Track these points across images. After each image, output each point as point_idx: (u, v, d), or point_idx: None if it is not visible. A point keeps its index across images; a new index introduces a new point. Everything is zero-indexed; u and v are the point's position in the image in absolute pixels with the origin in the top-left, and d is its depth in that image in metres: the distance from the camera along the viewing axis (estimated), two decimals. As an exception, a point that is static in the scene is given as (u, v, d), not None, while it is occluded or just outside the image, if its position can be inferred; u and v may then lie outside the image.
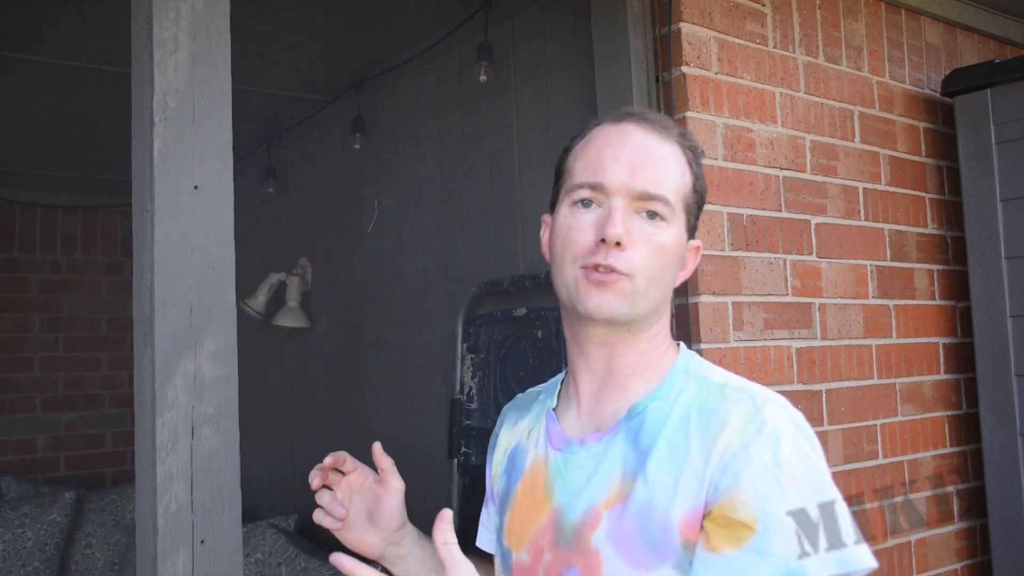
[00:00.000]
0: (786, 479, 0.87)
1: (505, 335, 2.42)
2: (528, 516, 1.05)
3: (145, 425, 1.23)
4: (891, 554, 2.20)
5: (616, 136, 1.02)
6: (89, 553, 3.85)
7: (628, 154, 1.00)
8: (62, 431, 4.46)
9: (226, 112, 1.30)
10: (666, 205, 0.99)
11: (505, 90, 2.55)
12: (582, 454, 1.02)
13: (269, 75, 3.04)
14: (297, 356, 3.73)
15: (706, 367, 1.03)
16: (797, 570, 0.85)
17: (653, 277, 0.99)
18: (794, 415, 0.94)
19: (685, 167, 1.02)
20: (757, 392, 0.96)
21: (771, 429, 0.90)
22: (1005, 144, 2.34)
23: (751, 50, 2.07)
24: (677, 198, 1.00)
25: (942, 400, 2.43)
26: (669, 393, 1.00)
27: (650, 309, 1.01)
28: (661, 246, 0.99)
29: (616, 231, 0.96)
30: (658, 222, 0.99)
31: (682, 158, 1.02)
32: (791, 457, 0.89)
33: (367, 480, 1.14)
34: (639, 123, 1.02)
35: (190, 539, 1.19)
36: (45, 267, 4.47)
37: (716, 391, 0.97)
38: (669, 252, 1.00)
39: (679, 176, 1.01)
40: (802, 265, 2.11)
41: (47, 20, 2.49)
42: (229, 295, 1.28)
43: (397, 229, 3.04)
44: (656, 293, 1.00)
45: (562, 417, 1.09)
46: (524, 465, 1.10)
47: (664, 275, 1.00)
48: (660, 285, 1.00)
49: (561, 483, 1.02)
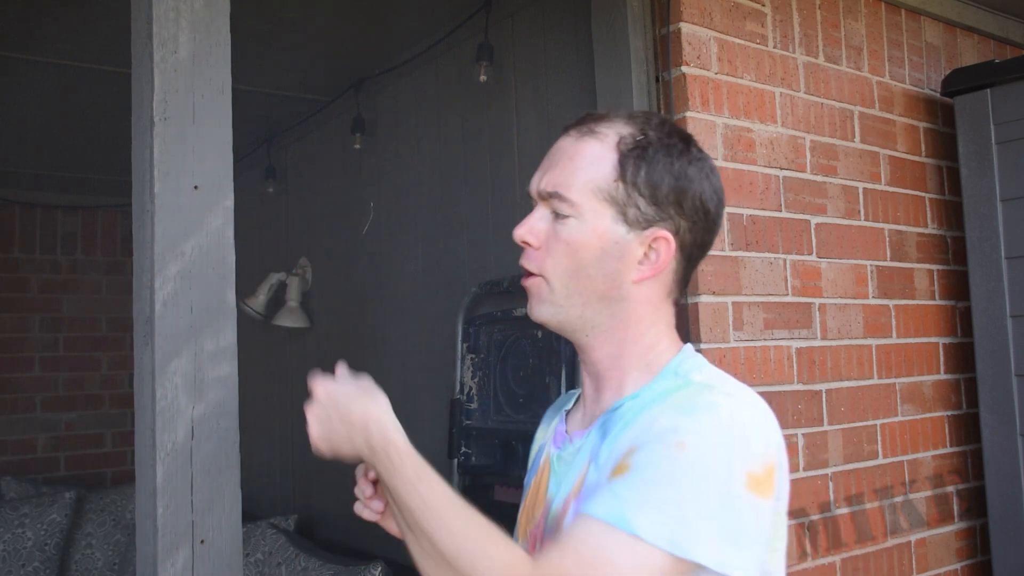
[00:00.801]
0: (674, 446, 0.87)
1: (505, 335, 2.42)
2: (531, 510, 1.11)
3: (145, 425, 1.23)
4: (891, 554, 2.20)
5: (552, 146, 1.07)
6: (89, 553, 3.85)
7: (547, 160, 1.05)
8: (62, 431, 4.46)
9: (226, 112, 1.30)
10: (562, 201, 1.00)
11: (505, 90, 2.55)
12: (569, 449, 1.06)
13: (269, 75, 3.04)
14: (297, 356, 3.73)
15: (697, 367, 1.02)
16: (631, 522, 0.84)
17: (569, 275, 1.00)
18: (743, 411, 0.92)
19: (603, 157, 1.00)
20: (719, 385, 0.96)
21: (693, 404, 0.91)
22: (1005, 144, 2.34)
23: (751, 50, 2.07)
24: (583, 192, 1.00)
25: (942, 400, 2.43)
26: (650, 391, 1.00)
27: (582, 310, 1.01)
28: (568, 242, 1.00)
29: (516, 232, 1.04)
30: (563, 220, 1.01)
31: (603, 149, 1.01)
32: (692, 431, 0.88)
33: None
34: (570, 129, 1.05)
35: (190, 539, 1.19)
36: (45, 267, 4.47)
37: (686, 385, 0.97)
38: (580, 247, 1.00)
39: (587, 170, 1.00)
40: (802, 265, 2.11)
41: (47, 20, 2.48)
42: (229, 295, 1.28)
43: (395, 228, 3.04)
44: (582, 292, 1.01)
45: (571, 417, 1.14)
46: (538, 463, 1.15)
47: (586, 271, 1.00)
48: (583, 282, 1.00)
49: (554, 478, 1.07)
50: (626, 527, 0.84)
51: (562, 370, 2.19)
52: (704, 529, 0.85)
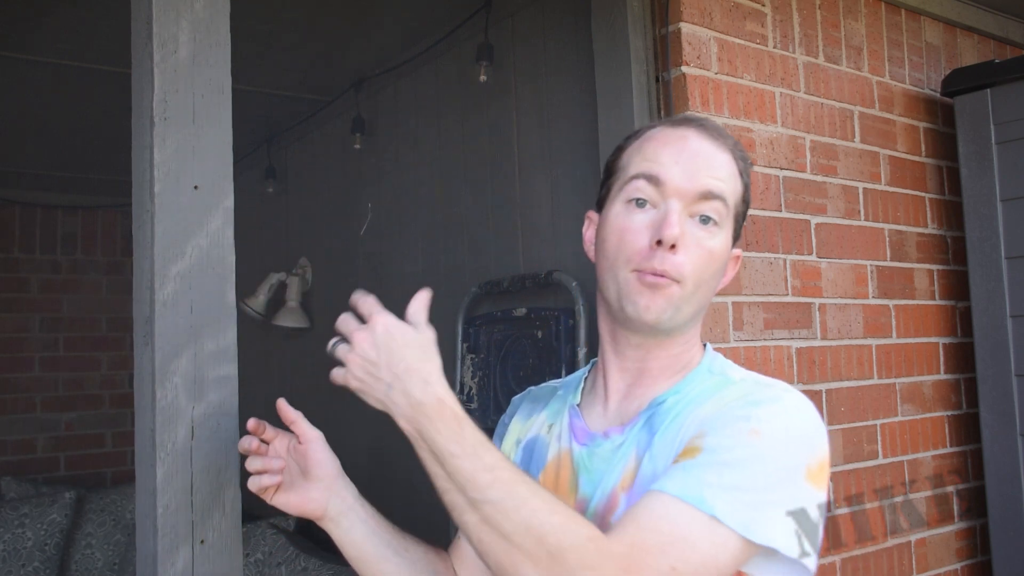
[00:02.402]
0: (748, 433, 0.89)
1: (505, 335, 2.42)
2: None
3: (145, 425, 1.23)
4: (891, 554, 2.20)
5: (675, 138, 1.02)
6: (89, 553, 3.85)
7: (687, 157, 1.00)
8: (62, 431, 4.46)
9: (226, 112, 1.30)
10: (724, 206, 1.00)
11: (505, 90, 2.55)
12: (606, 446, 1.04)
13: (269, 75, 3.04)
14: (297, 356, 3.73)
15: (730, 367, 1.06)
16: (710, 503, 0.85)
17: (700, 283, 1.00)
18: (803, 405, 0.95)
19: (737, 176, 1.04)
20: (774, 382, 0.99)
21: (760, 396, 0.94)
22: (1005, 144, 2.34)
23: (751, 50, 2.07)
24: (731, 203, 1.02)
25: (942, 400, 2.43)
26: (690, 388, 1.02)
27: (692, 314, 1.03)
28: (711, 252, 1.00)
29: (673, 232, 0.96)
30: (711, 227, 1.00)
31: (735, 167, 1.04)
32: (764, 420, 0.90)
33: (290, 441, 1.13)
34: (698, 129, 1.03)
35: (190, 539, 1.19)
36: (45, 267, 4.47)
37: (732, 384, 1.00)
38: (717, 258, 1.01)
39: (733, 182, 1.02)
40: (802, 265, 2.11)
41: (47, 20, 2.48)
42: (229, 295, 1.28)
43: (395, 228, 3.04)
44: (700, 299, 1.02)
45: (586, 413, 1.11)
46: (545, 458, 1.11)
47: (710, 282, 1.02)
48: (704, 291, 1.02)
49: (586, 475, 1.04)
50: (705, 508, 0.85)
51: (562, 370, 2.19)
52: (777, 516, 0.87)
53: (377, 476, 3.10)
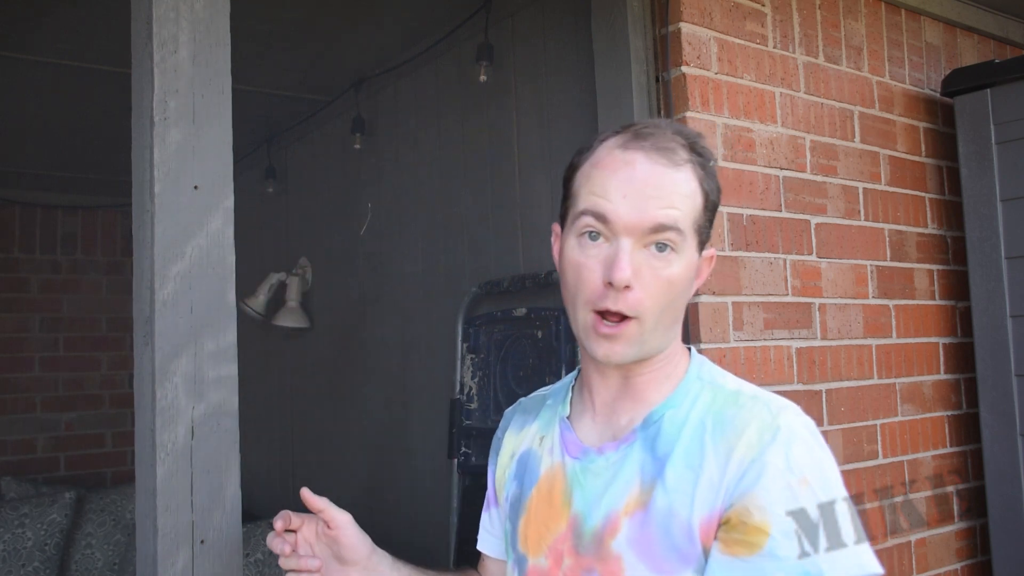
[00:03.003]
0: (798, 484, 0.90)
1: (505, 335, 2.42)
2: (545, 523, 1.06)
3: (145, 425, 1.23)
4: (891, 554, 2.20)
5: (622, 166, 0.97)
6: (89, 553, 3.85)
7: (635, 189, 0.96)
8: (62, 431, 4.46)
9: (226, 112, 1.30)
10: (678, 234, 0.96)
11: (505, 90, 2.55)
12: (600, 462, 1.02)
13: (269, 75, 3.04)
14: (297, 356, 3.73)
15: (719, 374, 1.05)
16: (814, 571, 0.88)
17: (662, 311, 0.98)
18: (807, 421, 0.97)
19: (696, 188, 0.98)
20: (771, 400, 0.99)
21: (785, 435, 0.93)
22: (1005, 144, 2.34)
23: (751, 50, 2.07)
24: (688, 224, 0.97)
25: (942, 400, 2.43)
26: (684, 400, 1.01)
27: (661, 340, 1.01)
28: (670, 280, 0.97)
29: (622, 276, 0.94)
30: (668, 254, 0.96)
31: (693, 179, 0.98)
32: (803, 462, 0.92)
33: (318, 526, 1.12)
34: (647, 152, 0.97)
35: (190, 539, 1.19)
36: (45, 267, 4.47)
37: (731, 400, 0.99)
38: (678, 282, 0.98)
39: (689, 201, 0.98)
40: (802, 265, 2.11)
41: (47, 20, 2.48)
42: (229, 295, 1.28)
43: (395, 228, 3.04)
44: (666, 323, 1.00)
45: (576, 425, 1.09)
46: (539, 472, 1.10)
47: (675, 304, 0.99)
48: (669, 314, 1.00)
49: (580, 491, 1.03)
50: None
51: (562, 370, 2.19)
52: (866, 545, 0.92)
53: (377, 477, 3.10)
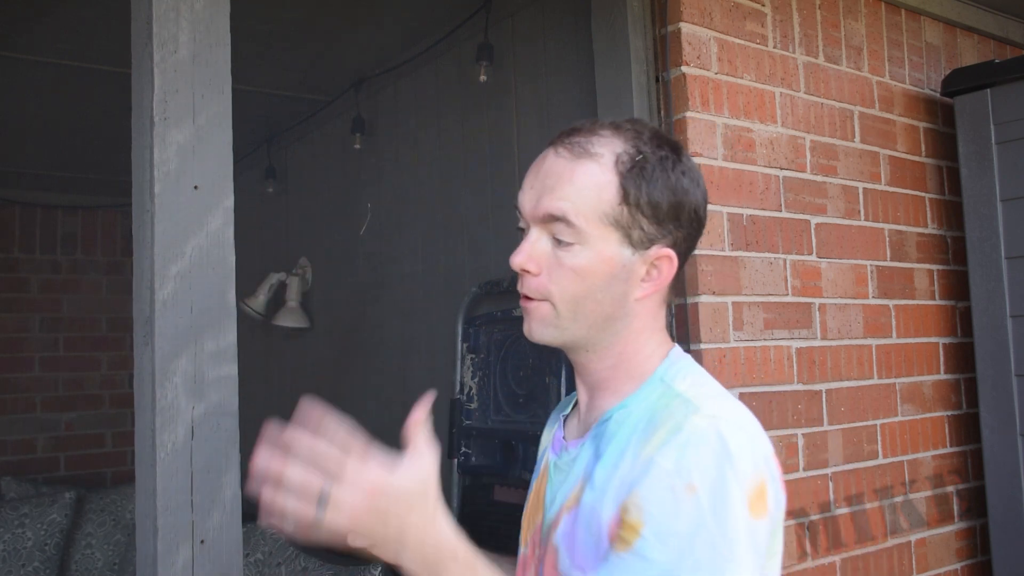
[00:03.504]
0: (683, 489, 0.85)
1: (505, 335, 2.42)
2: (531, 515, 1.11)
3: (145, 425, 1.23)
4: (891, 554, 2.20)
5: (536, 161, 1.04)
6: (89, 553, 3.84)
7: (538, 180, 1.01)
8: (62, 431, 4.46)
9: (226, 112, 1.30)
10: (568, 226, 0.96)
11: (505, 90, 2.55)
12: (565, 458, 1.06)
13: (269, 75, 3.04)
14: (297, 356, 3.73)
15: (681, 373, 1.01)
16: None
17: (576, 300, 0.98)
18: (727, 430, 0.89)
19: (604, 181, 0.97)
20: (701, 403, 0.93)
21: (684, 437, 0.88)
22: (1005, 144, 2.34)
23: (751, 50, 2.07)
24: (587, 216, 0.96)
25: (942, 400, 2.43)
26: (638, 400, 0.99)
27: (586, 331, 1.00)
28: (575, 269, 0.97)
29: (514, 260, 1.01)
30: (566, 246, 0.97)
31: (602, 172, 0.97)
32: (696, 468, 0.86)
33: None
34: (558, 146, 1.00)
35: (190, 539, 1.19)
36: (45, 267, 4.46)
37: (667, 400, 0.96)
38: (589, 274, 0.97)
39: (589, 193, 0.97)
40: (802, 265, 2.11)
41: (47, 20, 2.48)
42: (229, 295, 1.28)
43: (395, 228, 3.04)
44: (588, 316, 0.99)
45: (569, 423, 1.13)
46: (539, 468, 1.15)
47: (594, 296, 0.98)
48: (590, 307, 0.98)
49: (550, 485, 1.07)
50: None
51: (562, 370, 2.19)
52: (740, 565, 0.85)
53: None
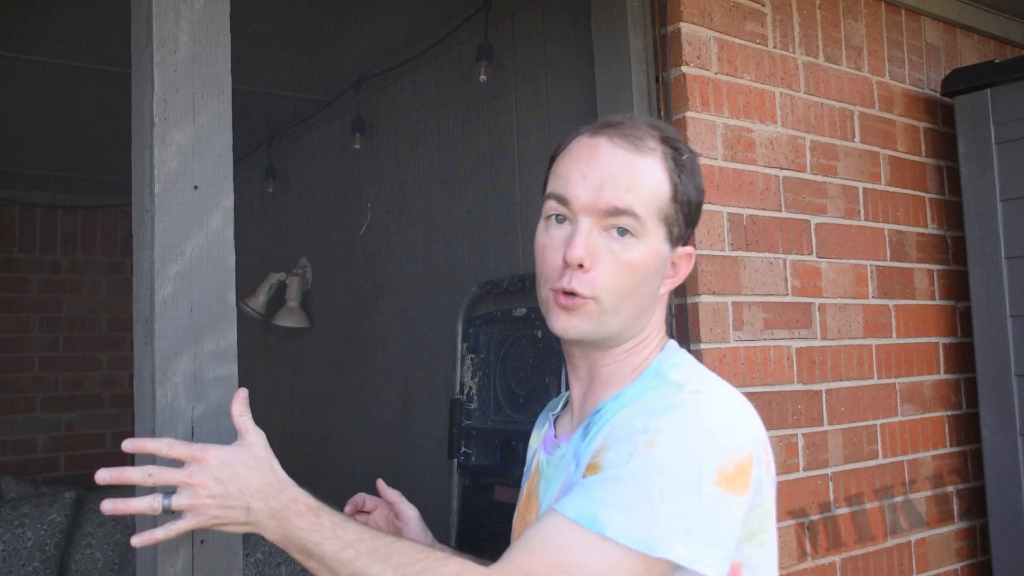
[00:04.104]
0: (642, 445, 0.86)
1: (505, 335, 2.42)
2: (523, 515, 1.11)
3: (145, 425, 1.23)
4: (891, 554, 2.20)
5: (586, 151, 1.00)
6: (89, 553, 3.85)
7: (595, 171, 0.98)
8: (62, 431, 4.46)
9: (226, 112, 1.30)
10: (635, 219, 0.97)
11: (505, 90, 2.55)
12: (557, 454, 1.06)
13: (269, 75, 3.04)
14: (297, 356, 3.73)
15: (675, 365, 1.01)
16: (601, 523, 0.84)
17: (622, 295, 0.98)
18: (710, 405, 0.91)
19: (662, 178, 0.99)
20: (689, 383, 0.95)
21: (663, 403, 0.91)
22: (1005, 144, 2.34)
23: (751, 50, 2.07)
24: (649, 211, 0.98)
25: (942, 400, 2.43)
26: (630, 392, 1.00)
27: (623, 325, 1.01)
28: (630, 264, 0.97)
29: (576, 253, 0.96)
30: (628, 239, 0.97)
31: (659, 169, 0.99)
32: (660, 430, 0.87)
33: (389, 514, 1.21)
34: (612, 137, 1.00)
35: (190, 539, 1.19)
36: (45, 267, 4.47)
37: (657, 388, 0.97)
38: (640, 268, 0.98)
39: (651, 189, 0.98)
40: (802, 265, 2.11)
41: (47, 20, 2.48)
42: (229, 295, 1.28)
43: (395, 228, 3.04)
44: (628, 309, 1.00)
45: (560, 421, 1.13)
46: (531, 468, 1.16)
47: (638, 290, 0.99)
48: (633, 300, 1.00)
49: (544, 482, 1.07)
50: (596, 527, 0.83)
51: (562, 370, 2.19)
52: (676, 527, 0.84)
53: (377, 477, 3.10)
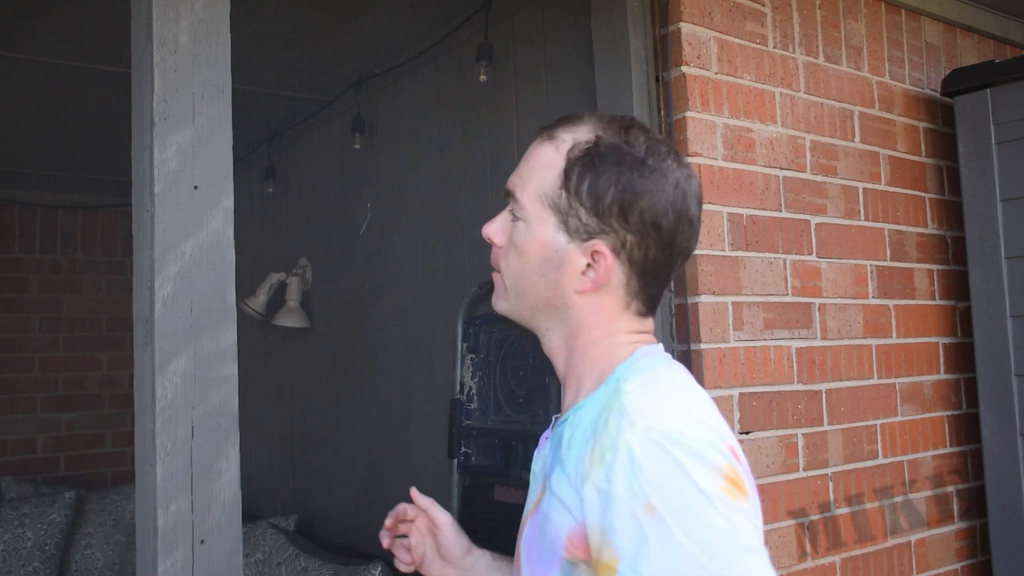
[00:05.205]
0: (643, 511, 0.81)
1: (505, 335, 2.42)
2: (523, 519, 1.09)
3: (145, 425, 1.23)
4: (891, 554, 2.20)
5: None
6: (89, 553, 3.85)
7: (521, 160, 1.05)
8: (62, 431, 4.46)
9: (226, 112, 1.30)
10: (516, 203, 1.01)
11: (505, 90, 2.55)
12: (539, 459, 1.05)
13: (269, 75, 3.04)
14: (297, 356, 3.73)
15: (637, 373, 0.95)
16: None
17: (517, 277, 1.01)
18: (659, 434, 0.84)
19: (553, 163, 0.98)
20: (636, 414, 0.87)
21: (624, 457, 0.84)
22: (1005, 144, 2.34)
23: (751, 50, 2.07)
24: (531, 195, 0.98)
25: (942, 400, 2.43)
26: (591, 403, 0.95)
27: (532, 311, 1.01)
28: (516, 246, 1.00)
29: (485, 229, 1.05)
30: (517, 222, 1.01)
31: (555, 155, 0.98)
32: (648, 486, 0.81)
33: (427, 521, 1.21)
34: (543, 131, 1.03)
35: (190, 539, 1.19)
36: (45, 267, 4.47)
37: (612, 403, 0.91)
38: (527, 252, 0.98)
39: (538, 173, 0.99)
40: (802, 265, 2.11)
41: (47, 20, 2.48)
42: (229, 295, 1.28)
43: (395, 228, 3.04)
44: (529, 295, 1.00)
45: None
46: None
47: (530, 276, 0.99)
48: (529, 287, 0.99)
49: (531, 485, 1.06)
50: None
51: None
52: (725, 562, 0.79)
53: (377, 477, 3.10)
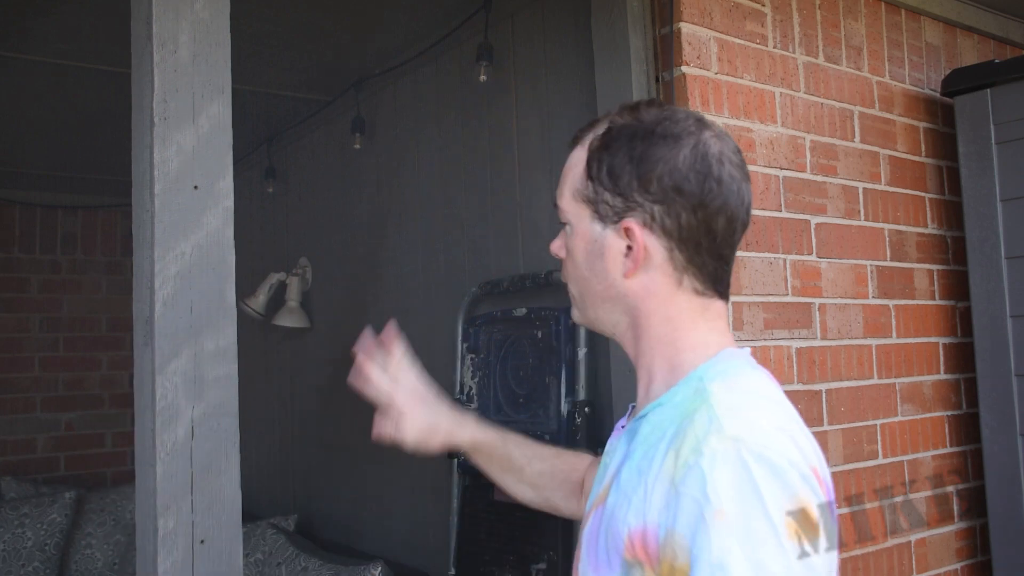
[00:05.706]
0: (713, 516, 0.80)
1: (505, 335, 2.42)
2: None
3: (145, 425, 1.23)
4: (891, 554, 2.20)
5: None
6: (89, 553, 3.85)
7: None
8: (62, 431, 4.46)
9: (226, 112, 1.30)
10: (559, 211, 1.04)
11: (505, 90, 2.55)
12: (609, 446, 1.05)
13: (269, 75, 3.04)
14: (297, 356, 3.73)
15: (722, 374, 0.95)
16: None
17: (576, 280, 1.04)
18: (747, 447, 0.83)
19: (580, 159, 1.01)
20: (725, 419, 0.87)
21: (707, 462, 0.83)
22: (1005, 144, 2.34)
23: (751, 50, 2.07)
24: (567, 197, 1.02)
25: (942, 400, 2.43)
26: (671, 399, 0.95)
27: (597, 310, 1.03)
28: (570, 250, 1.04)
29: (551, 247, 1.08)
30: (568, 228, 1.03)
31: (582, 151, 1.02)
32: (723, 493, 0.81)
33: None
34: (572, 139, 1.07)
35: (190, 539, 1.19)
36: (45, 267, 4.47)
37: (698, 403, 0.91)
38: (575, 252, 1.02)
39: (571, 174, 1.03)
40: (802, 265, 2.11)
41: (47, 20, 2.48)
42: (229, 295, 1.28)
43: (395, 228, 3.04)
44: (589, 295, 1.02)
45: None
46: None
47: (582, 273, 1.02)
48: (586, 287, 1.02)
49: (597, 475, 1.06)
50: None
51: (562, 370, 2.19)
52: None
53: (377, 477, 3.10)
